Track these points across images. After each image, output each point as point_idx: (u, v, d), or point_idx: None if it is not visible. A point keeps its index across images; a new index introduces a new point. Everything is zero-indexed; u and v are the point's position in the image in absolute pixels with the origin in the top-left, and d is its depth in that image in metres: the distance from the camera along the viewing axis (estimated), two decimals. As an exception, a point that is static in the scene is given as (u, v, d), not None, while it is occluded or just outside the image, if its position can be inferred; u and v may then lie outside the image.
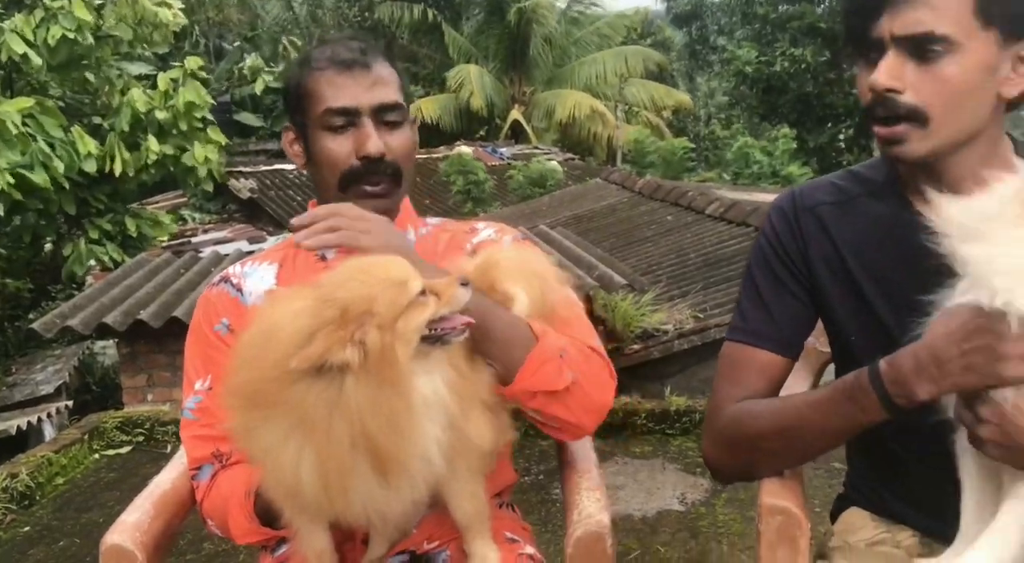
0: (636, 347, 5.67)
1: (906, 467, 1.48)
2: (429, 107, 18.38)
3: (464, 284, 1.24)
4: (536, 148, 17.05)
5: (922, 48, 1.28)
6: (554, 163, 13.84)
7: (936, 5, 1.26)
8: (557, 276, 1.49)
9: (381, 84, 1.52)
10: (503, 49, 19.32)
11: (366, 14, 20.89)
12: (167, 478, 1.62)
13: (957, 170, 1.35)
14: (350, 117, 1.51)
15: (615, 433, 4.81)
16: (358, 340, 1.14)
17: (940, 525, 1.34)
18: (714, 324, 5.67)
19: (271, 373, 1.15)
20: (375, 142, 1.50)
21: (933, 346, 1.21)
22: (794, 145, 14.67)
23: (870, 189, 1.48)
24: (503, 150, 16.34)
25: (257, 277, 1.62)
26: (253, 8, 19.96)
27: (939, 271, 1.24)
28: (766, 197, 8.09)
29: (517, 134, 18.61)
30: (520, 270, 1.43)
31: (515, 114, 18.57)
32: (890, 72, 1.30)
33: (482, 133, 19.29)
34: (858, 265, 1.46)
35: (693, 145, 16.92)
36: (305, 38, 18.86)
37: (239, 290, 1.60)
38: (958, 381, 1.19)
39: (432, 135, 18.19)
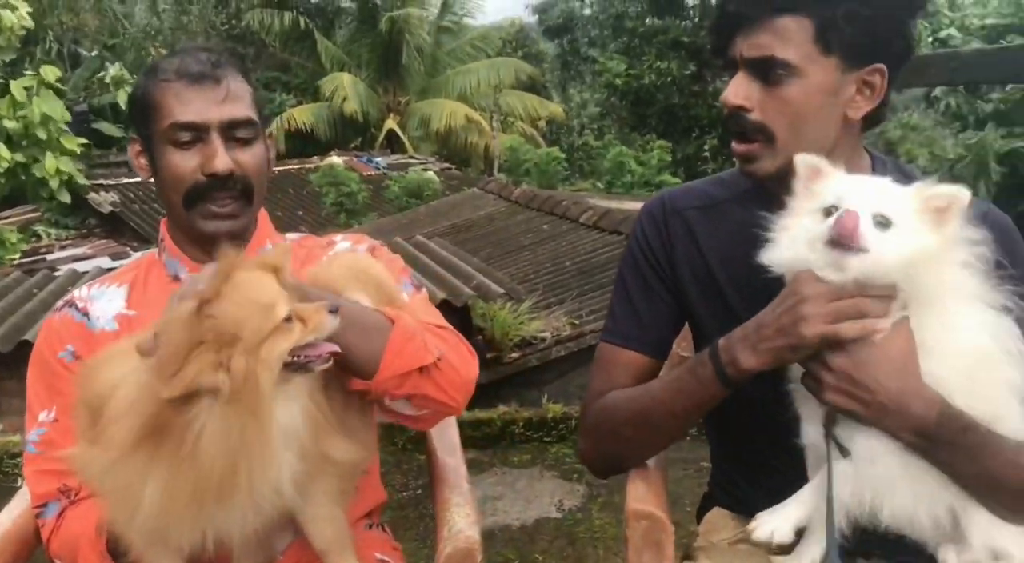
0: (515, 355, 5.71)
1: (766, 465, 1.54)
2: (303, 116, 17.99)
3: (332, 311, 1.21)
4: (412, 158, 16.95)
5: (767, 71, 1.36)
6: (430, 173, 13.80)
7: (780, 32, 1.34)
8: (388, 276, 1.49)
9: (232, 99, 1.46)
10: (376, 58, 19.11)
11: (233, 21, 20.27)
12: (8, 517, 1.53)
13: None
14: (197, 132, 1.45)
15: (493, 443, 4.83)
16: (225, 365, 1.10)
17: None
18: (589, 331, 5.78)
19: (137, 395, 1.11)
20: (223, 159, 1.45)
21: (759, 316, 1.31)
22: (669, 157, 15.13)
23: (735, 195, 1.56)
24: (379, 160, 16.15)
25: (105, 300, 1.54)
26: (111, 13, 19.00)
27: None
28: (637, 205, 8.31)
29: (393, 143, 18.45)
30: (354, 275, 1.42)
31: (390, 123, 18.41)
32: (738, 91, 1.39)
33: (357, 142, 19.02)
34: (720, 268, 1.52)
35: (566, 155, 17.22)
36: (171, 46, 18.13)
37: (85, 315, 1.52)
38: (771, 346, 1.28)
39: (307, 144, 17.82)
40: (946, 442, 1.25)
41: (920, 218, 1.24)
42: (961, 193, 1.24)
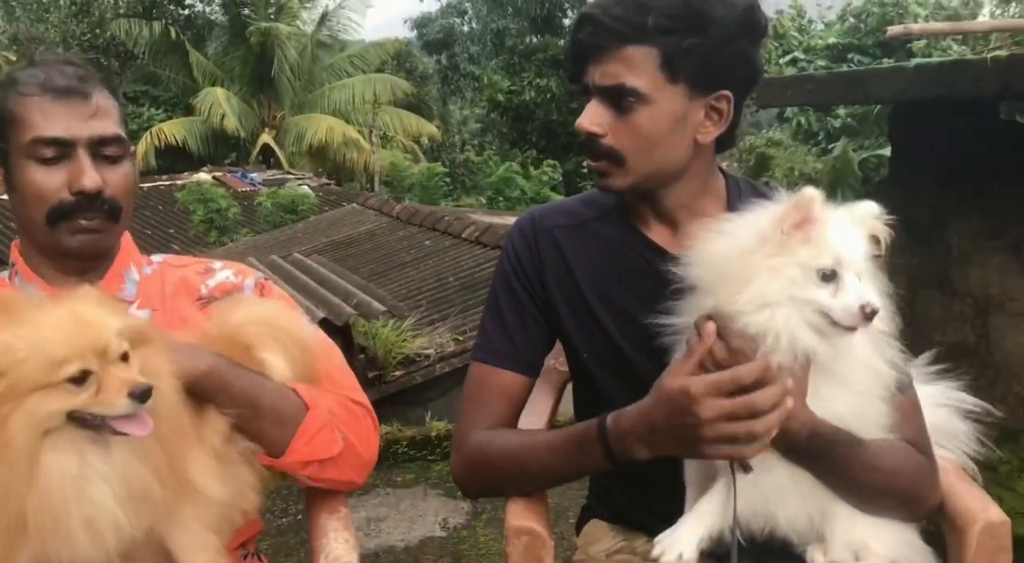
0: (398, 374, 5.64)
1: (640, 475, 1.57)
2: (174, 130, 17.37)
3: (137, 394, 1.11)
4: (289, 173, 16.56)
5: (618, 98, 1.40)
6: (305, 188, 13.51)
7: (628, 61, 1.38)
8: (307, 330, 1.46)
9: (100, 115, 1.41)
10: (248, 72, 18.67)
11: (96, 31, 19.35)
12: None
13: (670, 201, 1.50)
14: (63, 149, 1.39)
15: (376, 464, 4.75)
16: None
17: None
18: (473, 345, 5.77)
19: None
20: (91, 176, 1.39)
21: (647, 414, 1.31)
22: (560, 177, 15.33)
23: (600, 213, 1.59)
24: (254, 175, 15.72)
25: None
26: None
27: (658, 290, 1.35)
28: (518, 221, 8.38)
29: (268, 159, 18.02)
30: (272, 333, 1.39)
31: (265, 138, 17.96)
32: (591, 119, 1.43)
33: (232, 158, 18.49)
34: (588, 285, 1.55)
35: (447, 170, 17.26)
36: (23, 56, 17.12)
37: None
38: (672, 449, 1.31)
39: (178, 160, 17.19)
40: (813, 457, 1.31)
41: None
42: (873, 208, 1.30)
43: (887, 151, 5.62)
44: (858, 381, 1.33)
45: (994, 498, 1.48)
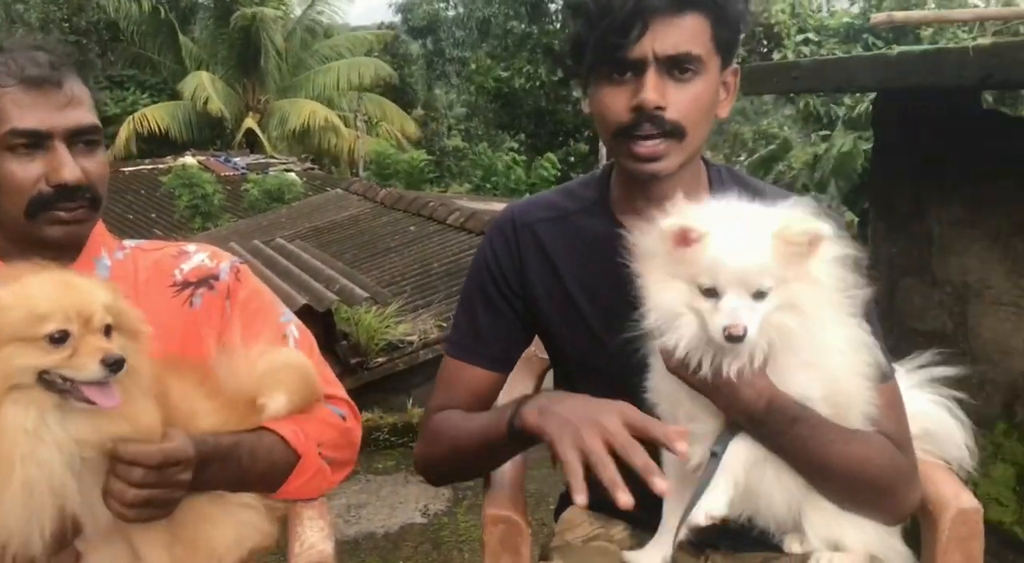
0: (381, 360, 5.63)
1: (619, 462, 1.57)
2: (156, 115, 17.24)
3: (109, 363, 1.11)
4: (272, 158, 16.47)
5: (679, 67, 1.35)
6: (292, 175, 13.46)
7: (690, 29, 1.35)
8: (312, 366, 1.49)
9: (75, 104, 1.38)
10: (234, 55, 18.50)
11: (77, 15, 19.04)
12: None
13: (668, 189, 1.40)
14: (38, 140, 1.36)
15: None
16: None
17: (648, 516, 1.43)
18: (445, 339, 5.76)
19: None
20: (71, 169, 1.37)
21: (566, 397, 1.38)
22: (556, 171, 15.32)
23: (583, 206, 1.57)
24: (238, 160, 15.62)
25: None
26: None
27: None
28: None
29: (252, 143, 17.89)
30: (276, 375, 1.43)
31: (249, 122, 17.83)
32: (656, 90, 1.35)
33: (217, 144, 18.34)
34: (571, 278, 1.54)
35: (434, 157, 17.17)
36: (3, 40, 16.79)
37: None
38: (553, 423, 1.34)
39: (161, 144, 17.05)
40: (776, 431, 1.30)
41: (788, 263, 1.22)
42: (822, 229, 1.22)
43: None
44: (829, 365, 1.31)
45: (968, 484, 1.49)
